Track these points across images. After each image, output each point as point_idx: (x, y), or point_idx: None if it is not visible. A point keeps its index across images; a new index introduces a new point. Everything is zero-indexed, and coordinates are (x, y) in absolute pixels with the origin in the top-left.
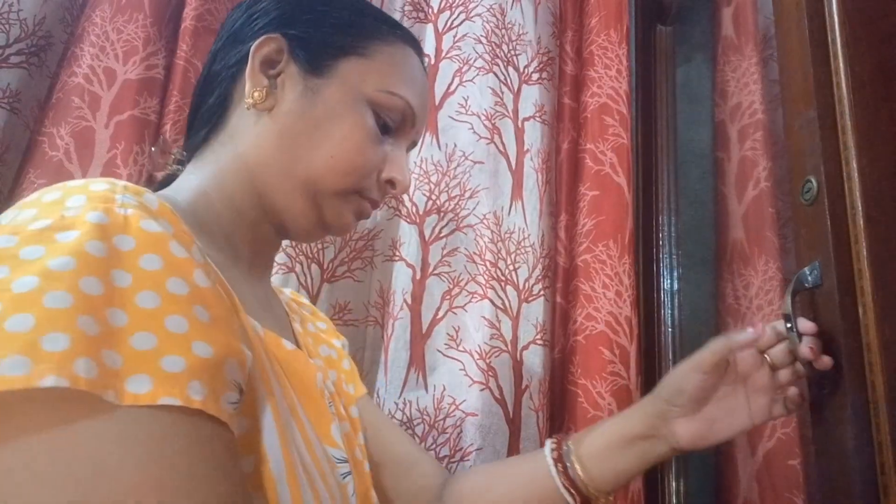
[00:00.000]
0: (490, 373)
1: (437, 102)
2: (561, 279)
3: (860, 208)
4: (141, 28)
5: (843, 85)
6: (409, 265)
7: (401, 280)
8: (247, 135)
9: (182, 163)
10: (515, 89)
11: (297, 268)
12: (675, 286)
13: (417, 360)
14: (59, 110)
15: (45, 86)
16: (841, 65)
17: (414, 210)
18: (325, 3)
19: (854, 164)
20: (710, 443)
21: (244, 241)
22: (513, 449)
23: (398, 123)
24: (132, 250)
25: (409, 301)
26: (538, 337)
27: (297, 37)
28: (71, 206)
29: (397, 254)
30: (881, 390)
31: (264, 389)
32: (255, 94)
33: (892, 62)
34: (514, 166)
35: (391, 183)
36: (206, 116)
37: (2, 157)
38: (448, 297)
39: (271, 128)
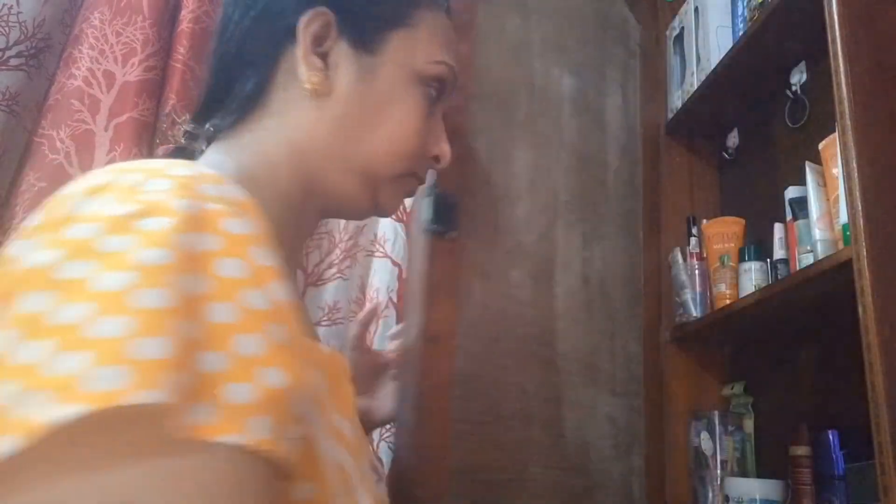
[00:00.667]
0: None
1: None
2: None
3: (860, 208)
4: (139, 30)
5: (843, 85)
6: (395, 263)
7: (385, 278)
8: (300, 119)
9: (194, 138)
10: None
11: None
12: None
13: None
14: (58, 112)
15: (43, 88)
16: (841, 65)
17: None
18: None
19: (854, 164)
20: (380, 421)
21: (288, 230)
22: None
23: (441, 90)
24: (213, 252)
25: (395, 299)
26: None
27: (344, 9)
28: (153, 190)
29: (381, 250)
30: (881, 390)
31: (318, 409)
32: (313, 78)
33: (892, 62)
34: None
35: (437, 158)
36: (242, 97)
37: (0, 160)
38: None
39: (329, 113)
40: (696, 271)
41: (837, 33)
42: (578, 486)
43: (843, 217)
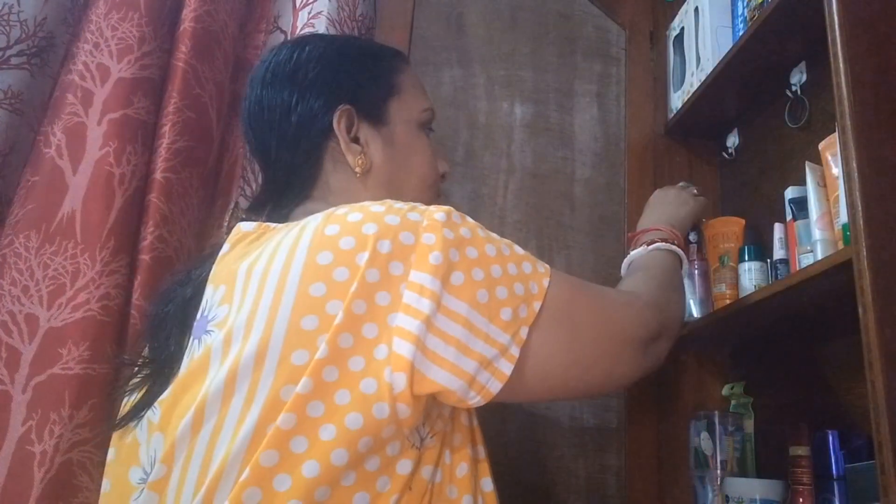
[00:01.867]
0: None
1: None
2: None
3: (860, 208)
4: (136, 27)
5: (843, 85)
6: None
7: None
8: (360, 192)
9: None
10: None
11: None
12: None
13: None
14: (55, 108)
15: (48, 87)
16: (841, 65)
17: None
18: (357, 62)
19: (854, 164)
20: None
21: None
22: None
23: (431, 126)
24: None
25: None
26: None
27: (355, 100)
28: (413, 205)
29: None
30: (881, 390)
31: None
32: (360, 162)
33: (892, 62)
34: None
35: (443, 175)
36: (300, 180)
37: (5, 159)
38: None
39: (376, 181)
40: (697, 272)
41: (837, 33)
42: (542, 484)
43: (843, 217)
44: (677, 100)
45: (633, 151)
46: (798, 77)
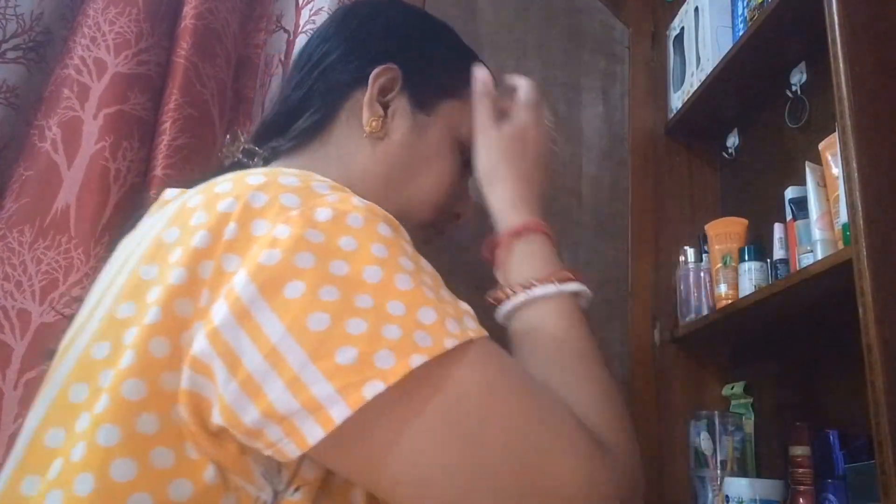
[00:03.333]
0: None
1: None
2: None
3: (860, 208)
4: (134, 22)
5: (843, 85)
6: None
7: None
8: (355, 155)
9: (251, 156)
10: None
11: None
12: None
13: None
14: (51, 103)
15: (44, 82)
16: (841, 65)
17: None
18: (436, 40)
19: (854, 164)
20: None
21: None
22: None
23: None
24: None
25: None
26: None
27: (411, 69)
28: (323, 193)
29: None
30: (881, 390)
31: None
32: (373, 122)
33: (892, 62)
34: None
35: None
36: (307, 126)
37: (0, 153)
38: None
39: (380, 155)
40: (700, 272)
41: (837, 33)
42: None
43: (843, 217)
44: (677, 100)
45: (636, 151)
46: (798, 77)
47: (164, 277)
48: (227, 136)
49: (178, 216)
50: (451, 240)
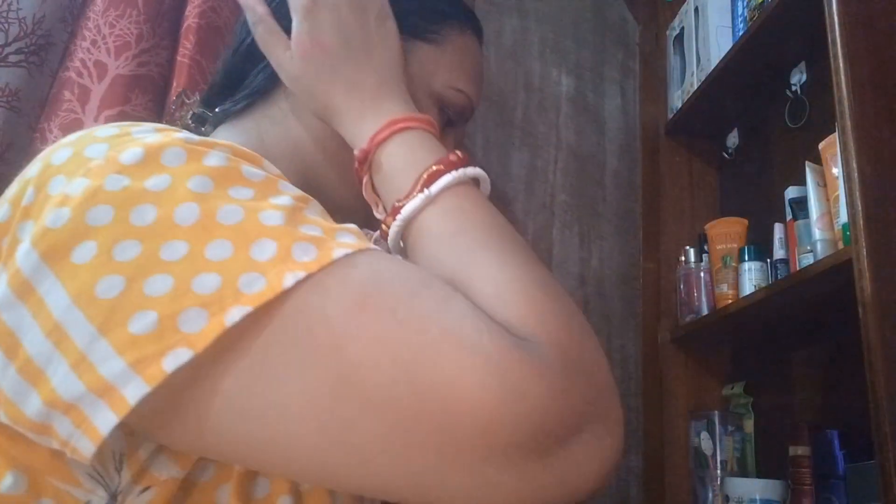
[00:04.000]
0: None
1: None
2: None
3: (860, 208)
4: (134, 24)
5: (843, 85)
6: None
7: None
8: (300, 120)
9: (201, 121)
10: None
11: None
12: None
13: None
14: (53, 105)
15: (46, 85)
16: (841, 65)
17: None
18: None
19: (854, 164)
20: None
21: None
22: None
23: (457, 118)
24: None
25: None
26: None
27: None
28: (142, 136)
29: None
30: (881, 390)
31: None
32: None
33: (892, 62)
34: None
35: None
36: (254, 86)
37: (2, 156)
38: None
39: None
40: (701, 272)
41: (837, 33)
42: None
43: (843, 217)
44: (677, 99)
45: (644, 148)
46: (798, 77)
47: None
48: (174, 100)
49: (18, 177)
50: None
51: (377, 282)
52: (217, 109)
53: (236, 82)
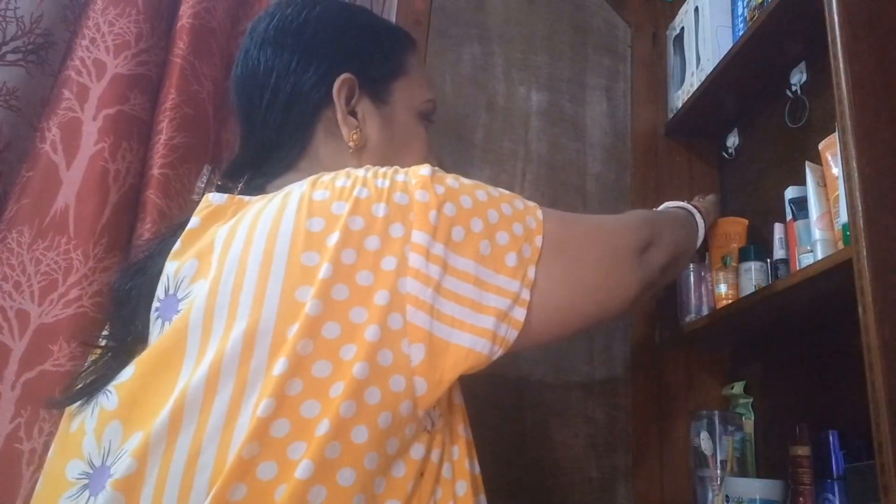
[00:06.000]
0: None
1: None
2: None
3: (860, 208)
4: (133, 23)
5: (843, 85)
6: None
7: None
8: (346, 167)
9: (227, 192)
10: None
11: None
12: None
13: None
14: (52, 104)
15: (47, 85)
16: (841, 65)
17: None
18: (366, 27)
19: (854, 164)
20: None
21: None
22: None
23: (430, 121)
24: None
25: None
26: None
27: (361, 69)
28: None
29: None
30: (881, 390)
31: None
32: (354, 136)
33: (892, 62)
34: None
35: None
36: (287, 149)
37: (1, 155)
38: None
39: (368, 160)
40: (701, 272)
41: (837, 33)
42: (551, 485)
43: (843, 217)
44: (677, 100)
45: (638, 150)
46: (798, 77)
47: (334, 258)
48: (202, 178)
49: (309, 209)
50: None
51: (568, 213)
52: (248, 181)
53: (268, 153)
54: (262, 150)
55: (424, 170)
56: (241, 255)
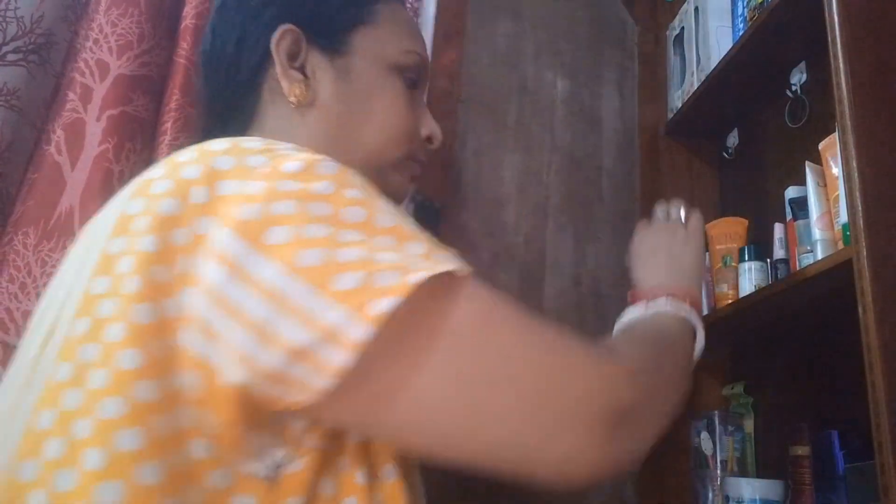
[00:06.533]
0: None
1: None
2: None
3: (860, 208)
4: (136, 24)
5: (843, 85)
6: None
7: None
8: (296, 129)
9: None
10: None
11: None
12: None
13: None
14: (56, 105)
15: (50, 85)
16: (841, 65)
17: None
18: None
19: (854, 164)
20: None
21: None
22: None
23: (417, 78)
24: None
25: None
26: None
27: (308, 21)
28: (288, 152)
29: None
30: (881, 390)
31: None
32: (297, 91)
33: (892, 62)
34: None
35: (429, 139)
36: (239, 117)
37: (2, 156)
38: None
39: (319, 119)
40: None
41: (837, 33)
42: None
43: (843, 217)
44: (677, 99)
45: (643, 149)
46: (798, 77)
47: (133, 246)
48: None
49: (140, 188)
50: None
51: (500, 303)
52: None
53: (228, 115)
54: (219, 123)
55: (293, 163)
56: (84, 247)
